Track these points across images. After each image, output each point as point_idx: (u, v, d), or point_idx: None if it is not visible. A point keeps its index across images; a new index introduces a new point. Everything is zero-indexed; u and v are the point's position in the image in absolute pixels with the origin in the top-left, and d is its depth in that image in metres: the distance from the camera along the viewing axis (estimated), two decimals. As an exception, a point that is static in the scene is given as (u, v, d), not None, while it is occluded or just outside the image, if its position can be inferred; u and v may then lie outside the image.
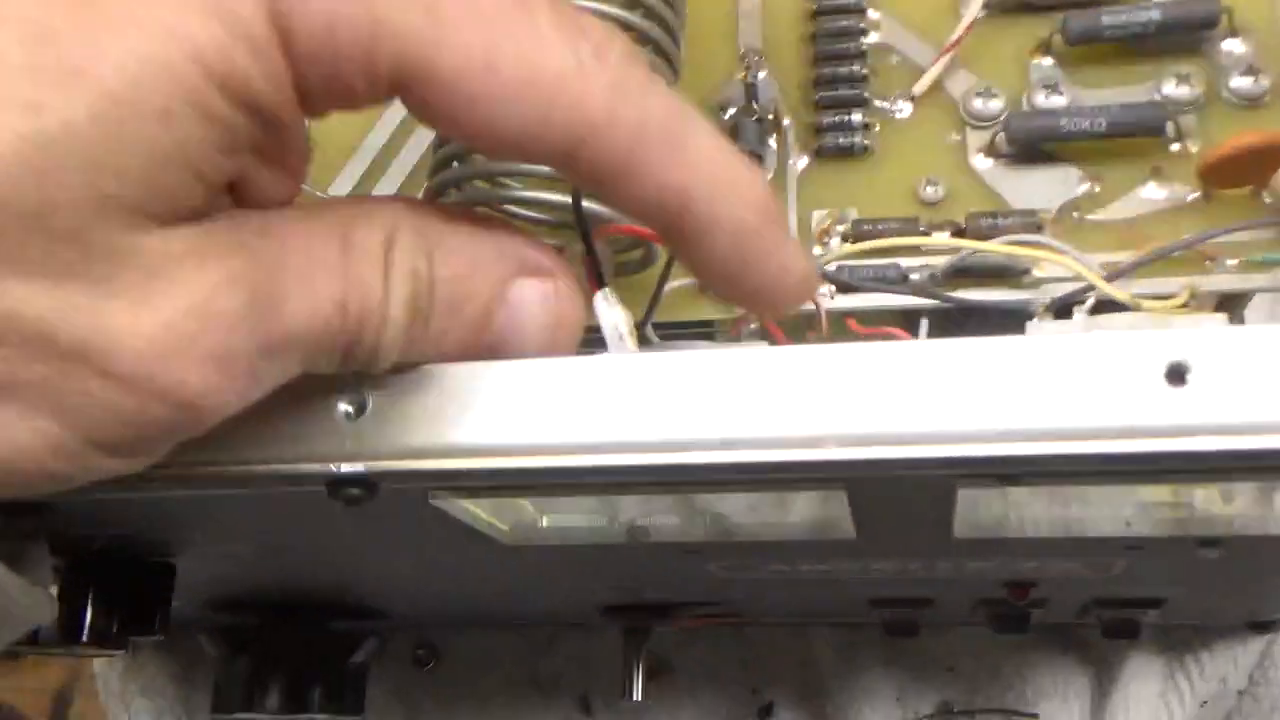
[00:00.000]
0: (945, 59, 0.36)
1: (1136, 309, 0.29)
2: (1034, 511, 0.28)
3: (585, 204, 0.29)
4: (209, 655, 0.44)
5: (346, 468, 0.25)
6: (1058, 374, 0.23)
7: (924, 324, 0.33)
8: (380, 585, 0.43)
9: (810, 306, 0.33)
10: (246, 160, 0.21)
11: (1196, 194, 0.33)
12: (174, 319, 0.20)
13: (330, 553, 0.36)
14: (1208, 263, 0.33)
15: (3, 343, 0.19)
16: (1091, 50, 0.35)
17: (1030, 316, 0.31)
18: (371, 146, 0.39)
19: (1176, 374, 0.22)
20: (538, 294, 0.24)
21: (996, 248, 0.32)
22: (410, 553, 0.35)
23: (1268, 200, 0.33)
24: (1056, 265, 0.33)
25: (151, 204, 0.19)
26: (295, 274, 0.21)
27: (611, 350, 0.29)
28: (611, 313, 0.28)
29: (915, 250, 0.34)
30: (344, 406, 0.25)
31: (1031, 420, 0.22)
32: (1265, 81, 0.34)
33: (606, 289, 0.29)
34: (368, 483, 0.25)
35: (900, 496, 0.26)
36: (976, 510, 0.27)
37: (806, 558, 0.33)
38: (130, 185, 0.19)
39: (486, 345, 0.24)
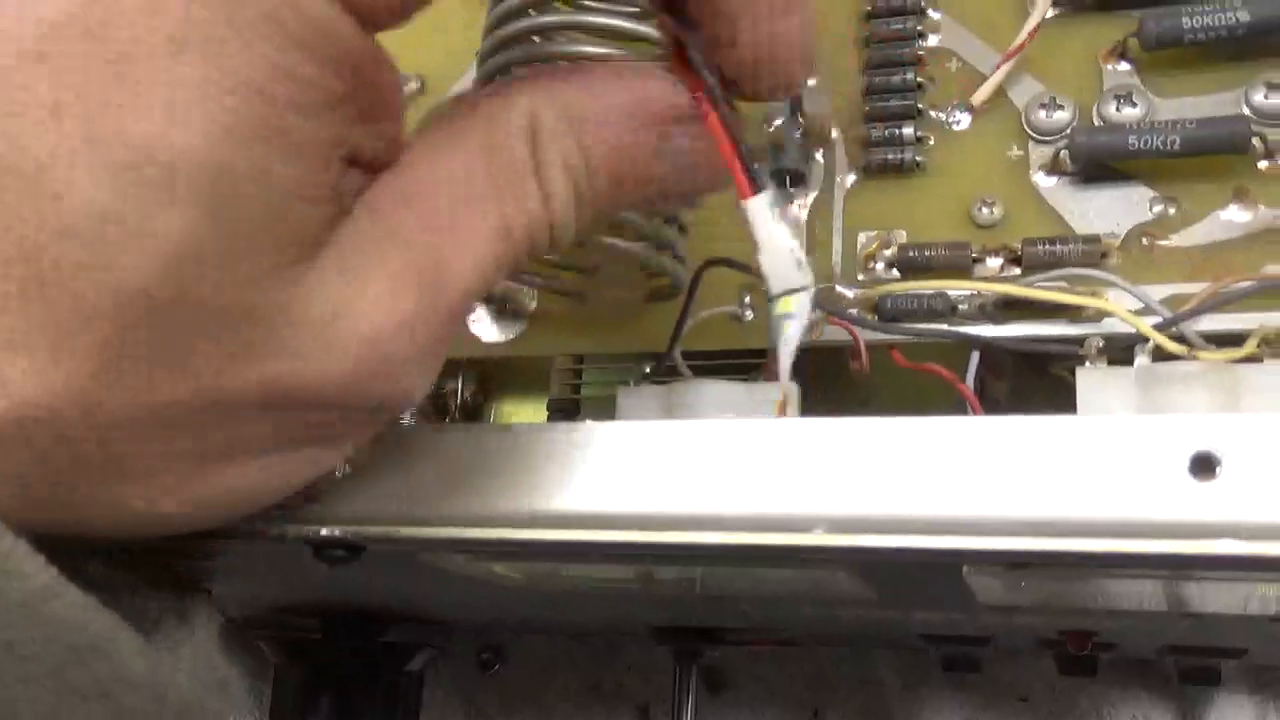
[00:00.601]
0: (1009, 64, 0.33)
1: (1191, 359, 0.26)
2: (1064, 587, 0.25)
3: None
4: (270, 661, 0.44)
5: (328, 531, 0.24)
6: (1071, 461, 0.20)
7: (974, 358, 0.31)
8: (431, 600, 0.42)
9: (848, 336, 0.32)
10: (347, 128, 0.19)
11: (1286, 218, 0.30)
12: (362, 353, 0.19)
13: (368, 577, 0.36)
14: (1294, 297, 0.29)
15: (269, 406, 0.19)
16: (1172, 55, 0.32)
17: (1083, 360, 0.28)
18: (410, 162, 0.38)
19: (1204, 466, 0.20)
20: (687, 141, 0.22)
21: (1039, 294, 0.29)
22: (437, 587, 0.35)
23: (1368, 226, 0.29)
24: (1121, 299, 0.30)
25: (286, 245, 0.19)
26: (450, 231, 0.20)
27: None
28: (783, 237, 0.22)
29: (967, 279, 0.32)
30: (327, 467, 0.24)
31: (1038, 511, 0.20)
32: (1372, 89, 0.30)
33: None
34: (351, 545, 0.24)
35: (908, 574, 0.24)
36: (998, 586, 0.25)
37: (837, 607, 0.32)
38: (260, 237, 0.18)
39: (650, 197, 0.23)
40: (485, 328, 0.36)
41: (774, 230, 0.22)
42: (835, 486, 0.21)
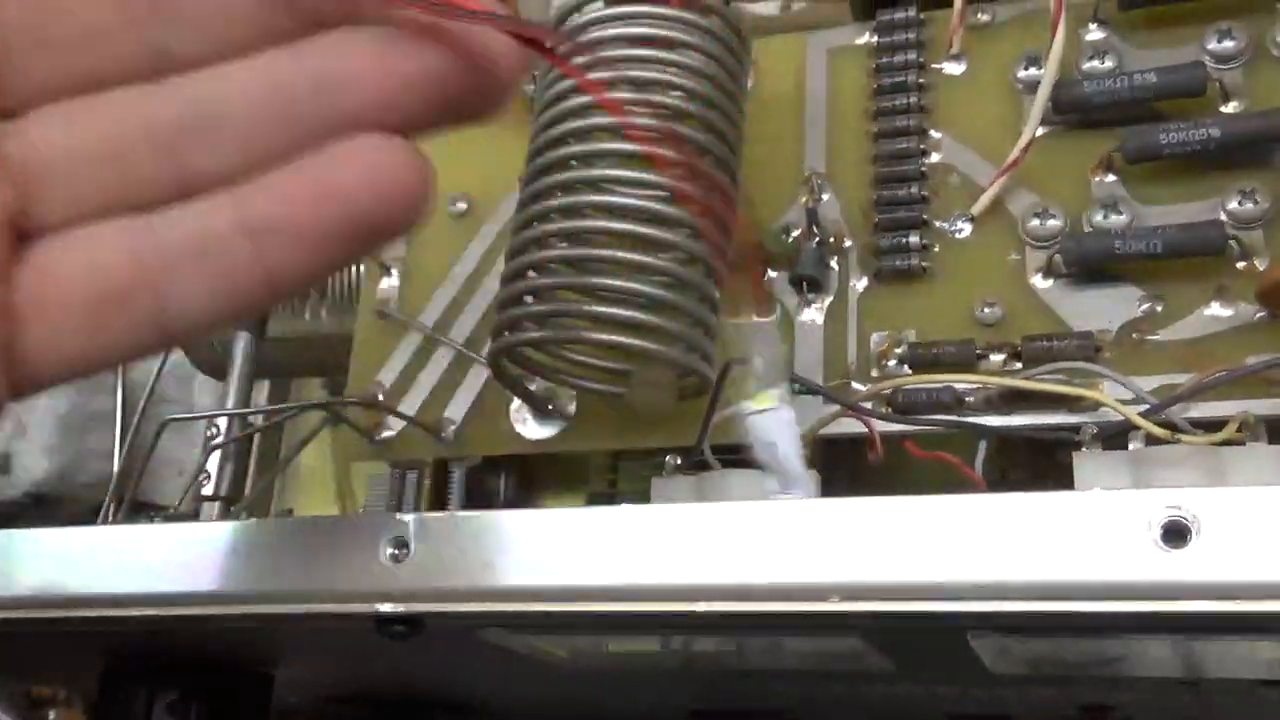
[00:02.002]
0: (1005, 178, 0.36)
1: (1175, 442, 0.29)
2: (1066, 652, 0.28)
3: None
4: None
5: (389, 608, 0.27)
6: (1056, 532, 0.23)
7: (981, 447, 0.34)
8: (478, 687, 0.45)
9: (863, 428, 0.34)
10: None
11: (1263, 314, 0.33)
12: None
13: (419, 663, 0.38)
14: (1272, 386, 0.32)
15: None
16: (1153, 167, 0.35)
17: (1080, 445, 0.31)
18: (458, 276, 0.42)
19: (1176, 534, 0.22)
20: None
21: (1038, 386, 0.32)
22: (487, 667, 0.37)
23: (1339, 320, 0.32)
24: (1114, 390, 0.32)
25: None
26: None
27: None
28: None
29: (973, 374, 0.35)
30: (388, 549, 0.27)
31: (1028, 576, 0.23)
32: (1337, 195, 0.33)
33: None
34: (413, 620, 0.27)
35: (918, 641, 0.26)
36: (1003, 652, 0.27)
37: (862, 684, 0.34)
38: None
39: None
40: (528, 426, 0.39)
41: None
42: (846, 559, 0.24)
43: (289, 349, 0.46)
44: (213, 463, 0.42)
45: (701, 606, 0.24)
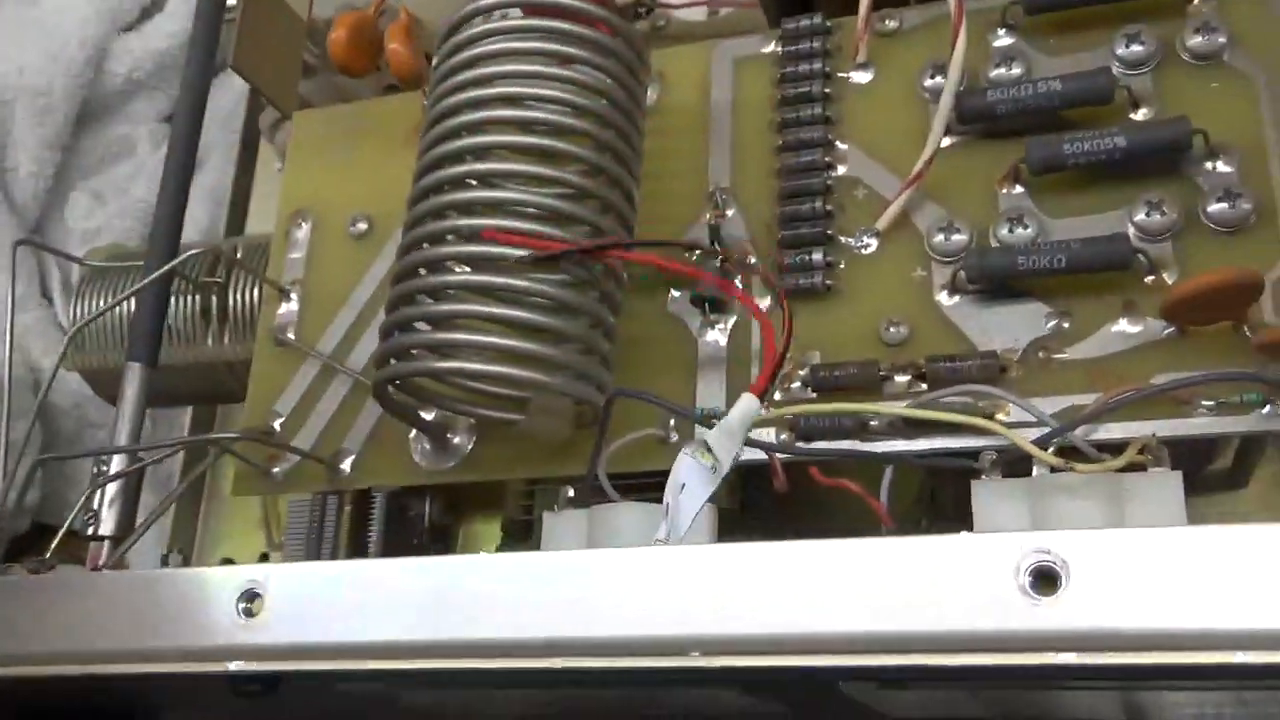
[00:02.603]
0: (909, 192, 0.35)
1: (1071, 470, 0.27)
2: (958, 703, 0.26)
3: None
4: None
5: (239, 666, 0.25)
6: (918, 580, 0.22)
7: (887, 473, 0.32)
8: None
9: (763, 456, 0.33)
10: None
11: (1171, 329, 0.31)
12: None
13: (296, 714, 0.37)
14: (1183, 405, 0.30)
15: None
16: (1061, 178, 0.34)
17: (979, 473, 0.30)
18: (358, 300, 0.40)
19: (1046, 579, 0.21)
20: None
21: (929, 415, 0.30)
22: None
23: (1248, 334, 0.30)
24: (1018, 413, 0.31)
25: None
26: None
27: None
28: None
29: (878, 395, 0.33)
30: (239, 604, 0.26)
31: (886, 627, 0.21)
32: (1246, 205, 0.32)
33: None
34: (266, 679, 0.26)
35: (795, 690, 0.25)
36: (895, 699, 0.26)
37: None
38: None
39: None
40: (427, 456, 0.38)
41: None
42: (704, 611, 0.22)
43: (191, 376, 0.44)
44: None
45: (558, 663, 0.23)
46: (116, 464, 0.36)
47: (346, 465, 0.38)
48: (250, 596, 0.25)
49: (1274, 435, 0.33)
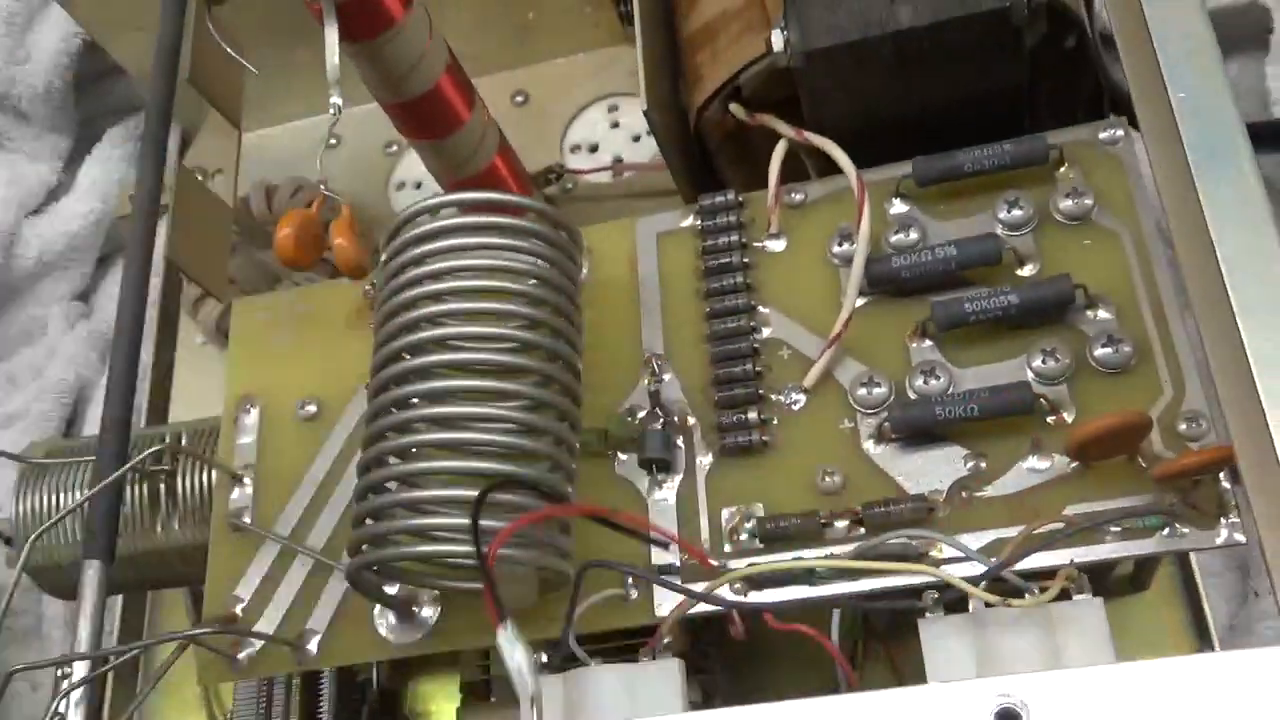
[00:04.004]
0: (831, 350, 0.38)
1: (1006, 605, 0.31)
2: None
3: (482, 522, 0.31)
4: None
5: None
6: (898, 729, 0.24)
7: (835, 616, 0.35)
8: None
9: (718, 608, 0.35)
10: None
11: (1076, 464, 0.35)
12: None
13: None
14: (1094, 533, 0.34)
15: None
16: (964, 332, 0.37)
17: (923, 612, 0.32)
18: (313, 480, 0.42)
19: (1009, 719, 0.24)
20: None
21: (863, 565, 0.33)
22: None
23: (1143, 465, 0.34)
24: (950, 550, 0.34)
25: None
26: None
27: (519, 689, 0.30)
28: (515, 656, 0.30)
29: (820, 542, 0.36)
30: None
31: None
32: (1127, 348, 0.36)
33: (508, 623, 0.31)
34: None
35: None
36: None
37: None
38: None
39: None
40: (393, 631, 0.39)
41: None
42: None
43: (142, 565, 0.45)
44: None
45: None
46: (81, 667, 0.36)
47: (313, 646, 0.39)
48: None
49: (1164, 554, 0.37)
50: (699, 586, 0.35)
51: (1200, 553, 0.46)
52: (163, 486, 0.44)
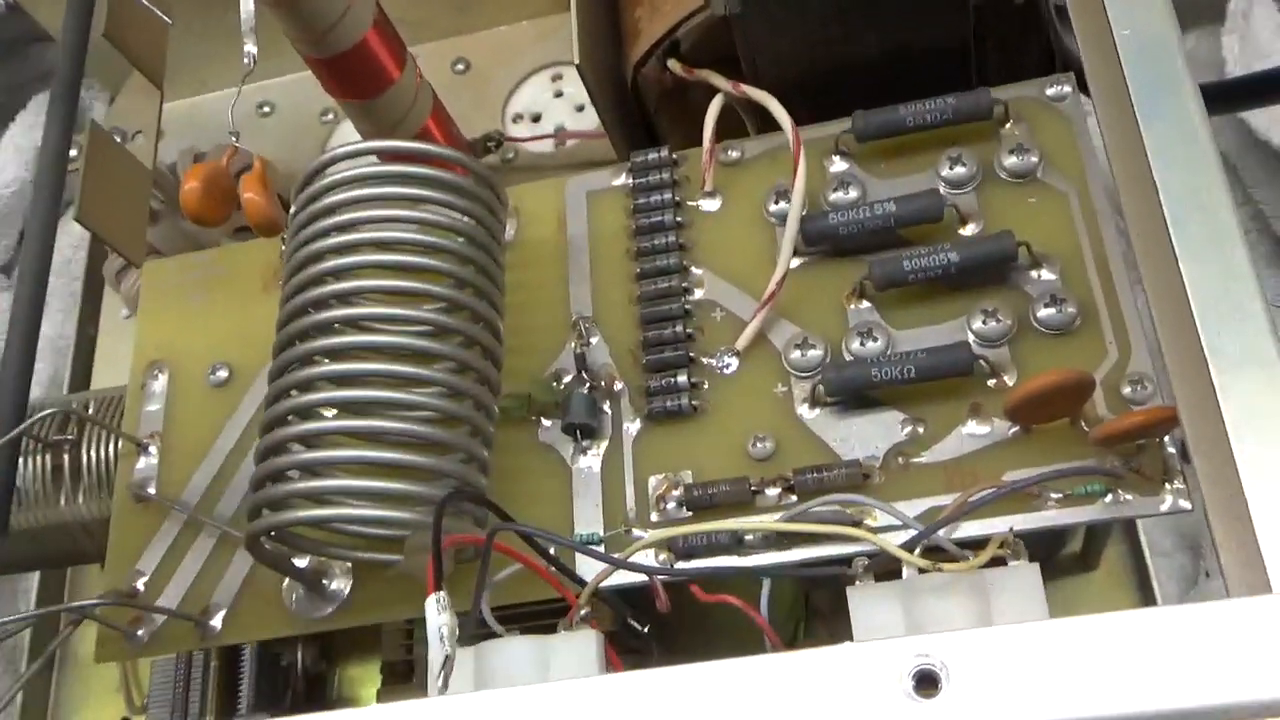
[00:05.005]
0: (764, 311, 0.36)
1: (939, 570, 0.29)
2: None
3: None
4: None
5: None
6: (808, 693, 0.22)
7: (766, 585, 0.33)
8: None
9: (644, 579, 0.33)
10: None
11: (1016, 429, 0.33)
12: None
13: None
14: (1034, 499, 0.32)
15: None
16: (902, 292, 0.36)
17: (853, 579, 0.31)
18: (221, 450, 0.39)
19: (928, 682, 0.22)
20: None
21: (795, 527, 0.32)
22: None
23: (1085, 428, 0.33)
24: (884, 517, 0.33)
25: None
26: None
27: (432, 651, 0.29)
28: (439, 618, 0.29)
29: (750, 510, 0.34)
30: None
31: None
32: (1071, 309, 0.34)
33: (441, 593, 0.29)
34: None
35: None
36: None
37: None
38: None
39: None
40: (303, 605, 0.37)
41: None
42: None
43: (45, 539, 0.42)
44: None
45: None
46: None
47: (217, 621, 0.37)
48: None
49: (1117, 521, 0.36)
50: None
51: (1149, 531, 0.45)
52: (66, 457, 0.42)
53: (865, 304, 0.36)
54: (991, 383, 0.34)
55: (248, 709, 0.46)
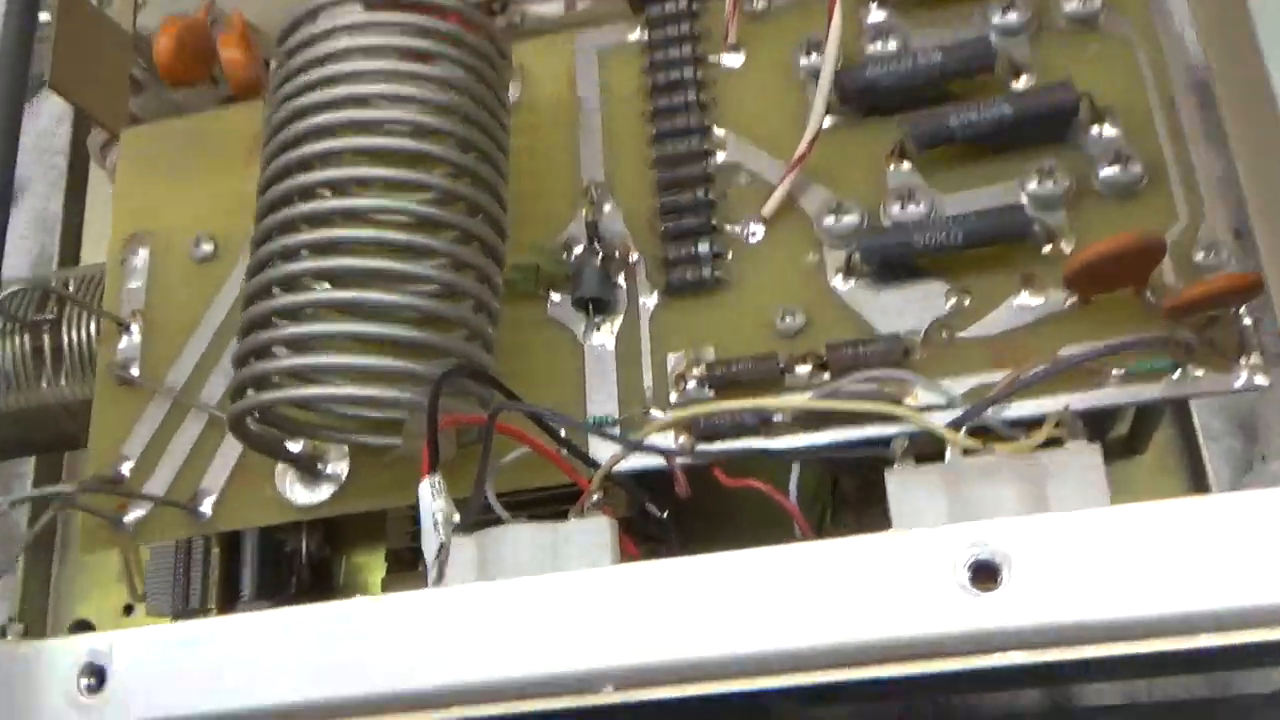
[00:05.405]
0: (794, 175, 0.33)
1: (990, 452, 0.26)
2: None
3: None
4: None
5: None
6: (851, 584, 0.20)
7: (795, 469, 0.30)
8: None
9: (663, 462, 0.31)
10: None
11: (1074, 299, 0.30)
12: None
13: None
14: (1093, 375, 0.29)
15: None
16: (948, 152, 0.32)
17: (891, 462, 0.28)
18: (208, 328, 0.37)
19: (986, 574, 0.19)
20: None
21: (832, 405, 0.29)
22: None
23: (1151, 299, 0.30)
24: (926, 395, 0.30)
25: None
26: None
27: (426, 538, 0.27)
28: (433, 503, 0.27)
29: (778, 389, 0.32)
30: (80, 679, 0.22)
31: (814, 641, 0.19)
32: (1136, 169, 0.31)
33: (436, 476, 0.27)
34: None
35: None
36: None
37: None
38: None
39: None
40: (297, 491, 0.34)
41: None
42: (622, 638, 0.20)
43: (28, 422, 0.40)
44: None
45: (453, 714, 0.20)
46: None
47: (206, 507, 0.35)
48: (92, 671, 0.22)
49: (1178, 401, 0.33)
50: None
51: (1204, 411, 0.42)
52: (46, 338, 0.39)
53: (906, 165, 0.33)
54: (1047, 249, 0.31)
55: (250, 597, 0.45)
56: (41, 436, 0.41)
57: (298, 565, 0.47)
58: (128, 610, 0.50)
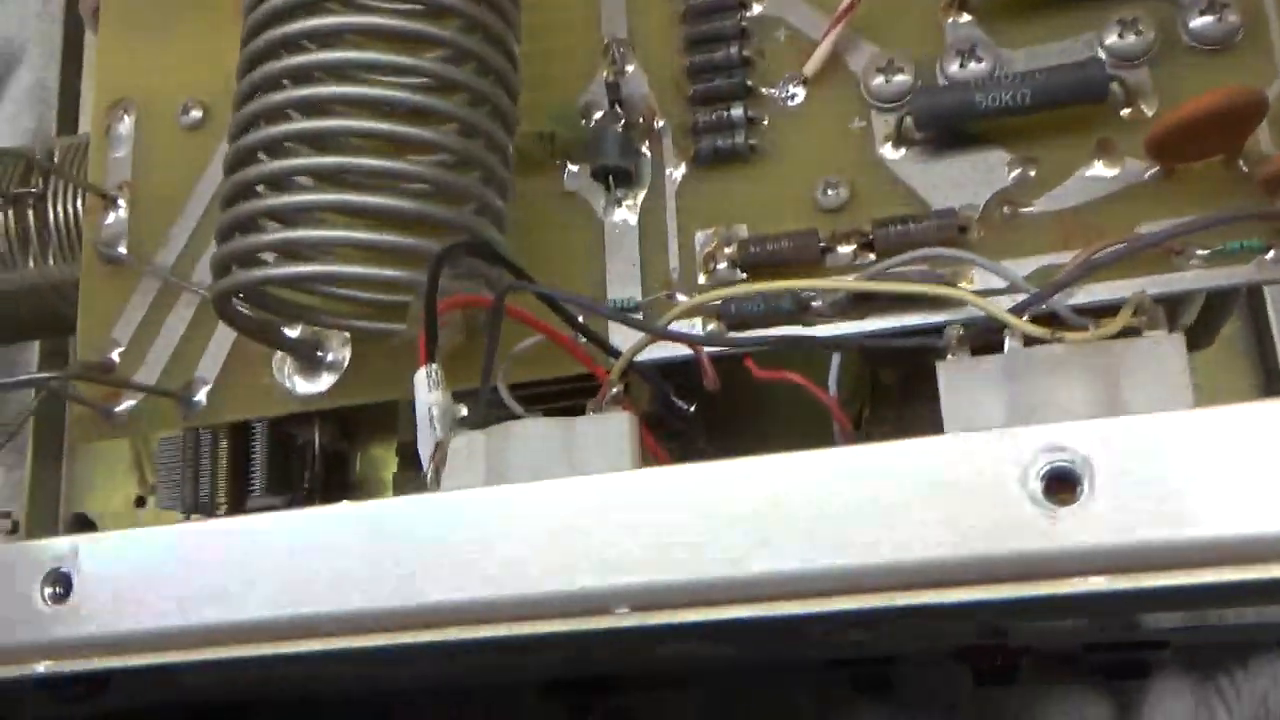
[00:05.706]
0: (840, 28, 0.29)
1: (1058, 341, 0.23)
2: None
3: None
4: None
5: (48, 667, 0.20)
6: (904, 494, 0.17)
7: (835, 360, 0.28)
8: (288, 688, 0.38)
9: (688, 351, 0.28)
10: None
11: (1155, 170, 0.27)
12: None
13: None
14: (1174, 257, 0.26)
15: None
16: (1014, 1, 0.29)
17: (945, 352, 0.25)
18: (198, 201, 0.34)
19: (1063, 484, 0.16)
20: None
21: (881, 287, 0.26)
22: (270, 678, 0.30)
23: (1245, 170, 0.26)
24: (984, 278, 0.27)
25: None
26: None
27: (421, 436, 0.24)
28: (429, 396, 0.24)
29: (818, 270, 0.28)
30: (43, 587, 0.20)
31: (858, 560, 0.17)
32: (1233, 18, 0.27)
33: (433, 366, 0.25)
34: (89, 678, 0.20)
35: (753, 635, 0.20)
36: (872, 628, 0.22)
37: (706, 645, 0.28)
38: None
39: None
40: (296, 380, 0.32)
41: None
42: (643, 552, 0.18)
43: (14, 303, 0.38)
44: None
45: (450, 634, 0.18)
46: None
47: (201, 397, 0.33)
48: (56, 578, 0.20)
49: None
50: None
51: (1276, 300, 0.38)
52: (31, 212, 0.37)
53: (966, 17, 0.29)
54: (1125, 112, 0.27)
55: (261, 491, 0.43)
56: (33, 318, 0.39)
57: (311, 458, 0.45)
58: (140, 502, 0.48)
